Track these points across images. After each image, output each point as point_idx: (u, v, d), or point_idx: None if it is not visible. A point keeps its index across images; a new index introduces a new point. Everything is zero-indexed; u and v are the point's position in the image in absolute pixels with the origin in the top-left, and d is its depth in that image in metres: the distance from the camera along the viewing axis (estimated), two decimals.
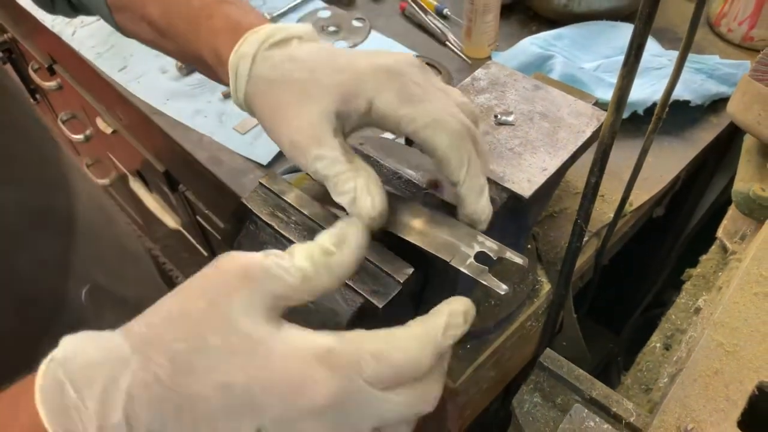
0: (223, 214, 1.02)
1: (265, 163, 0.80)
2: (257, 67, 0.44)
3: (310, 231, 0.46)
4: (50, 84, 1.35)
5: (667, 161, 0.78)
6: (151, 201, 1.44)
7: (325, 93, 0.41)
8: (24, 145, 0.60)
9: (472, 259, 0.41)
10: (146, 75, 0.95)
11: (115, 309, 0.67)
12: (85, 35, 1.04)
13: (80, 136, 1.43)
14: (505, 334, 0.65)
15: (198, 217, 1.17)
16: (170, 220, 1.41)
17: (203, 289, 0.30)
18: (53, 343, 0.59)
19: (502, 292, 0.39)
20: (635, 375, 0.68)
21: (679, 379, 0.48)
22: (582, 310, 0.86)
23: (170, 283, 0.84)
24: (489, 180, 0.56)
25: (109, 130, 1.22)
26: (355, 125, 0.42)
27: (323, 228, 0.46)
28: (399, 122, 0.40)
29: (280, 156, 0.81)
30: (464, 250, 0.42)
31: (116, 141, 1.26)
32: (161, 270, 0.86)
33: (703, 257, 0.75)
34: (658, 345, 0.71)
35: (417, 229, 0.45)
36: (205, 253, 1.37)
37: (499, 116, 0.62)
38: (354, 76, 0.41)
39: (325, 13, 1.04)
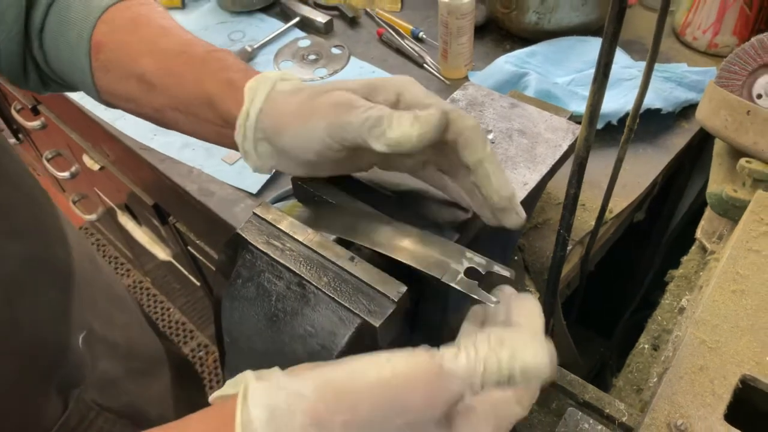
0: (215, 243, 1.03)
1: (254, 191, 0.82)
2: (277, 86, 0.47)
3: (304, 256, 0.48)
4: (34, 123, 1.36)
5: (644, 168, 0.81)
6: (140, 234, 1.45)
7: (353, 85, 0.44)
8: (21, 197, 0.61)
9: (462, 275, 0.43)
10: None
11: (107, 353, 0.68)
12: None
13: (66, 173, 1.44)
14: None
15: (189, 248, 1.19)
16: (161, 252, 1.41)
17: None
18: (57, 391, 0.60)
19: (493, 305, 0.41)
20: (626, 376, 0.70)
21: (666, 377, 0.51)
22: (571, 316, 0.88)
23: (153, 323, 0.86)
24: None
25: (96, 167, 1.23)
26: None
27: (317, 253, 0.48)
28: (428, 108, 0.42)
29: (268, 184, 0.83)
30: (454, 266, 0.44)
31: (104, 176, 1.27)
32: (142, 310, 0.87)
33: (684, 258, 0.78)
34: (646, 346, 0.73)
35: (407, 248, 0.47)
36: (197, 283, 1.38)
37: None
38: (377, 81, 0.44)
39: (305, 42, 1.07)
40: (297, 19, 1.09)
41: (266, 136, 0.47)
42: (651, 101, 0.82)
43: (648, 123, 0.84)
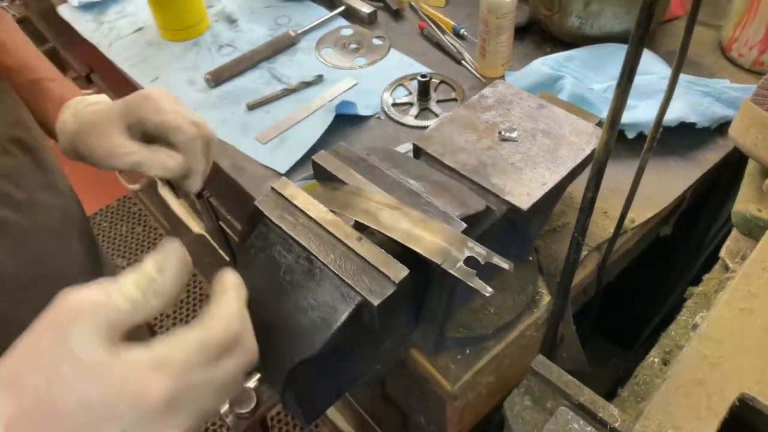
0: (243, 219, 1.06)
1: (283, 171, 0.84)
2: (78, 115, 0.64)
3: (314, 232, 0.49)
4: (87, 92, 1.42)
5: (672, 181, 0.80)
6: (177, 206, 1.49)
7: (116, 120, 0.60)
8: (51, 160, 0.71)
9: (461, 263, 0.45)
10: (176, 86, 1.00)
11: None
12: (121, 47, 1.10)
13: None
14: (505, 341, 0.67)
15: (221, 223, 1.22)
16: (195, 225, 1.46)
17: (46, 328, 0.36)
18: None
19: (487, 294, 0.42)
20: (632, 388, 0.70)
21: (663, 387, 0.51)
22: (586, 324, 0.87)
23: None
24: (490, 192, 0.60)
25: None
26: (140, 131, 0.60)
27: (327, 230, 0.49)
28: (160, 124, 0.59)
29: (297, 166, 0.85)
30: (455, 254, 0.45)
31: None
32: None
33: (706, 276, 0.77)
34: (656, 360, 0.72)
35: (413, 233, 0.48)
36: (227, 258, 1.42)
37: (503, 132, 0.65)
38: (132, 104, 0.60)
39: (348, 31, 1.08)
40: (342, 8, 1.10)
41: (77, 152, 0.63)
42: (686, 115, 0.81)
43: (682, 136, 0.83)
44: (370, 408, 1.15)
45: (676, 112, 0.81)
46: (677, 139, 0.83)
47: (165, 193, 1.42)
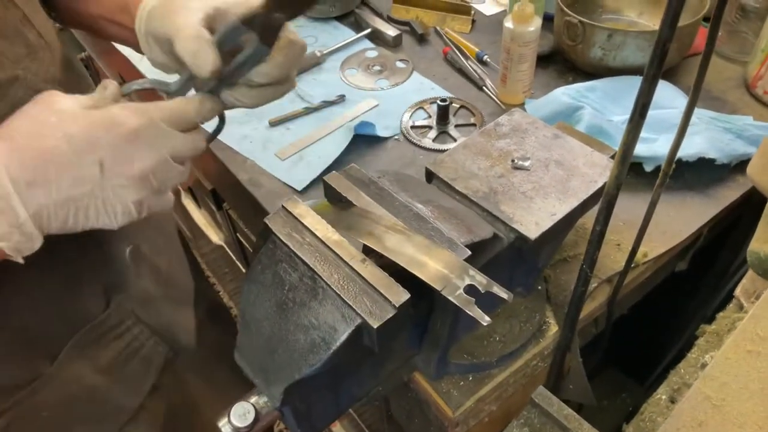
0: (258, 232, 1.08)
1: (300, 188, 0.86)
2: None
3: (320, 252, 0.50)
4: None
5: (688, 216, 0.79)
6: (199, 216, 1.52)
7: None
8: None
9: (461, 291, 0.45)
10: None
11: (150, 274, 0.75)
12: None
13: None
14: (509, 369, 0.67)
15: (238, 235, 1.24)
16: (214, 236, 1.48)
17: (33, 104, 0.45)
18: (102, 290, 0.67)
19: (485, 323, 0.43)
20: (637, 424, 0.69)
21: (662, 426, 0.50)
22: (596, 356, 0.86)
23: (195, 264, 0.94)
24: (498, 219, 0.60)
25: None
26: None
27: (332, 251, 0.50)
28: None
29: (314, 183, 0.86)
30: (455, 281, 0.45)
31: None
32: (187, 251, 0.96)
33: (720, 314, 0.76)
34: (664, 397, 0.71)
35: (417, 259, 0.48)
36: (243, 270, 1.44)
37: (516, 161, 0.66)
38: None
39: (372, 53, 1.10)
40: (368, 31, 1.12)
41: (150, 30, 0.56)
42: (705, 150, 0.80)
43: (700, 172, 0.82)
44: (377, 429, 1.14)
45: (695, 147, 0.81)
46: (696, 174, 0.83)
47: (188, 203, 1.45)
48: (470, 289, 0.46)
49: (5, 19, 0.54)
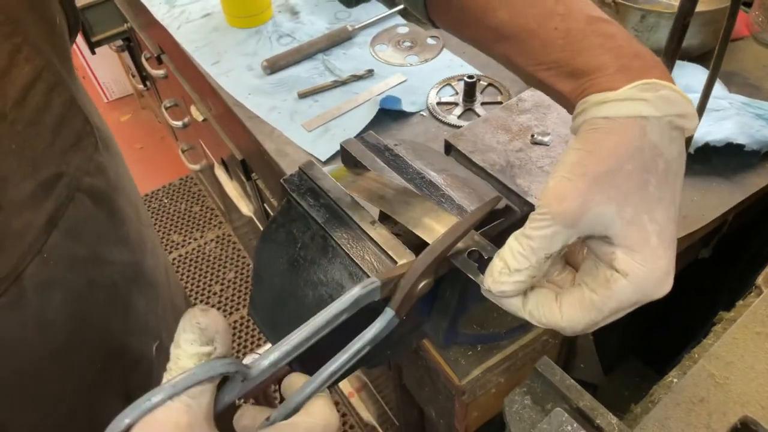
0: None
1: (323, 159, 0.87)
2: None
3: (333, 213, 0.52)
4: (158, 72, 1.50)
5: (712, 202, 0.78)
6: (231, 188, 1.56)
7: None
8: (131, 209, 0.66)
9: (464, 256, 0.46)
10: (235, 70, 1.05)
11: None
12: (189, 30, 1.16)
13: (179, 123, 1.57)
14: (518, 343, 0.68)
15: (265, 205, 1.27)
16: (245, 207, 1.52)
17: None
18: (126, 397, 0.63)
19: (486, 287, 0.44)
20: (645, 405, 0.69)
21: (664, 400, 0.50)
22: (612, 338, 0.86)
23: None
24: (513, 192, 0.60)
25: (200, 118, 1.34)
26: None
27: (344, 212, 0.52)
28: None
29: (336, 155, 0.88)
30: (459, 245, 0.46)
31: (206, 129, 1.38)
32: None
33: (739, 302, 0.75)
34: (675, 380, 0.71)
35: (424, 224, 0.49)
36: None
37: (535, 136, 0.66)
38: None
39: (404, 29, 1.11)
40: (401, 6, 1.13)
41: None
42: (734, 136, 0.79)
43: (729, 158, 0.81)
44: (391, 399, 1.17)
45: (724, 132, 0.79)
46: (723, 159, 0.81)
47: (220, 173, 1.48)
48: (478, 258, 0.47)
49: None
